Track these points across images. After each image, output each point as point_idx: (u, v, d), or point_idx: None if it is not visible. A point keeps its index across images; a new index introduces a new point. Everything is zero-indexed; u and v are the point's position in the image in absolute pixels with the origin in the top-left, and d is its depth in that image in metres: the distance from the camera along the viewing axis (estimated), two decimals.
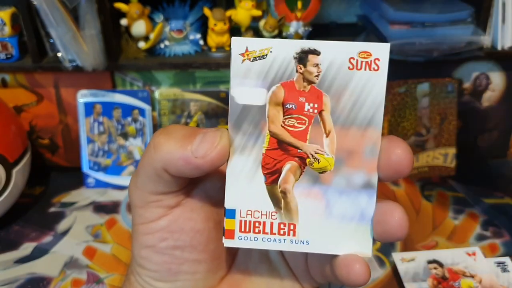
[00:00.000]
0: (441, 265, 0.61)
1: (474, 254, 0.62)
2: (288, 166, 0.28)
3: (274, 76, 0.28)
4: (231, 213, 0.29)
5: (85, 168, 0.78)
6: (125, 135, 0.79)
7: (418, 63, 0.72)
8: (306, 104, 0.28)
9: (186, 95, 0.78)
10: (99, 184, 0.78)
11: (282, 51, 0.27)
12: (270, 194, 0.28)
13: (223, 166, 0.29)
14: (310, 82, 0.28)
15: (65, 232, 0.69)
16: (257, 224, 0.29)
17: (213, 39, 0.76)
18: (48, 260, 0.64)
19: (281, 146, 0.28)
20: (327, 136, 0.28)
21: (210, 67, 0.76)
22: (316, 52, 0.27)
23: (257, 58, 0.28)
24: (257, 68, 0.27)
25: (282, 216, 0.28)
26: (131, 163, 0.79)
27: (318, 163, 0.28)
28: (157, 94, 0.78)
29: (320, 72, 0.28)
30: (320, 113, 0.28)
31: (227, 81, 0.78)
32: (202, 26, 0.78)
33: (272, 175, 0.28)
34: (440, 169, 0.80)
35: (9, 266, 0.63)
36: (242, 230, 0.29)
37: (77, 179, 0.79)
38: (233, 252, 0.34)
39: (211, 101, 0.78)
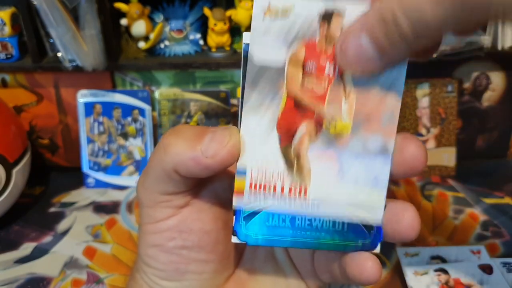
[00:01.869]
0: (444, 261, 0.61)
1: (479, 252, 0.62)
2: (304, 128, 0.28)
3: (296, 35, 0.27)
4: (242, 172, 0.28)
5: (85, 168, 0.78)
6: (125, 135, 0.79)
7: (418, 63, 0.72)
8: (327, 66, 0.27)
9: (186, 95, 0.78)
10: (99, 184, 0.78)
11: (305, 10, 0.26)
12: (284, 156, 0.28)
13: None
14: (333, 44, 0.27)
15: (65, 232, 0.69)
16: (267, 186, 0.28)
17: (213, 39, 0.76)
18: (48, 260, 0.64)
19: (298, 107, 0.27)
20: (346, 99, 0.27)
21: (210, 67, 0.76)
22: (340, 14, 0.26)
23: (279, 16, 0.27)
24: (278, 26, 0.27)
25: (294, 178, 0.28)
26: (131, 163, 0.79)
27: (335, 128, 0.27)
28: (157, 94, 0.78)
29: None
30: (341, 75, 0.27)
31: (227, 81, 0.78)
32: (202, 26, 0.78)
33: (287, 136, 0.28)
34: (440, 169, 0.80)
35: (9, 266, 0.63)
36: (252, 189, 0.28)
37: (77, 179, 0.79)
38: (239, 251, 0.34)
39: (211, 101, 0.78)
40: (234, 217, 0.28)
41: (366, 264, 0.28)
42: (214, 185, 0.31)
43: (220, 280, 0.32)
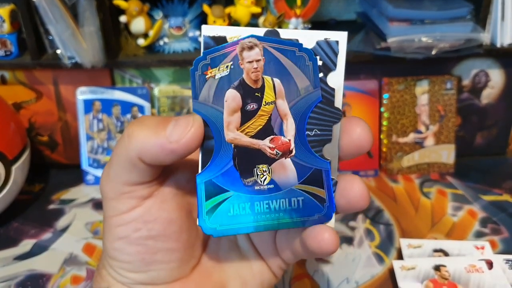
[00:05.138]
0: (446, 254, 0.62)
1: (483, 248, 0.62)
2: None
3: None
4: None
5: (85, 165, 0.78)
6: None
7: (417, 60, 0.72)
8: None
9: (186, 92, 0.78)
10: (98, 181, 0.78)
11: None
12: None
13: (193, 155, 0.30)
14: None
15: (64, 229, 0.69)
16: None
17: None
18: (48, 257, 0.64)
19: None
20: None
21: None
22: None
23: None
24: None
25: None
26: None
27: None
28: (156, 91, 0.78)
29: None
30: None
31: None
32: (202, 23, 0.78)
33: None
34: (439, 166, 0.80)
35: (8, 263, 0.63)
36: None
37: (76, 176, 0.79)
38: (204, 241, 0.35)
39: None
40: (197, 213, 0.30)
41: (323, 236, 0.29)
42: (176, 176, 0.32)
43: (186, 270, 0.33)
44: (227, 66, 0.29)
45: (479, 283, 0.56)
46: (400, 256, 0.62)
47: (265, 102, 0.29)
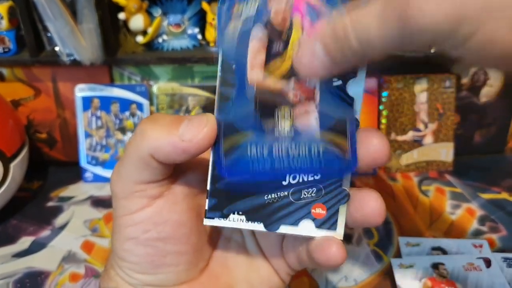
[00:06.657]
0: (444, 252, 0.62)
1: (481, 246, 0.63)
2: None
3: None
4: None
5: (83, 163, 0.78)
6: (123, 130, 0.78)
7: (416, 58, 0.72)
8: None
9: (184, 89, 0.78)
10: (97, 178, 0.78)
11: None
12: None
13: (205, 155, 0.29)
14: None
15: (63, 227, 0.69)
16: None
17: (212, 34, 0.75)
18: (46, 254, 0.64)
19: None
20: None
21: (209, 62, 0.76)
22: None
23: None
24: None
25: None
26: None
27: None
28: (155, 88, 0.78)
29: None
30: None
31: None
32: (201, 20, 0.78)
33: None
34: (437, 164, 0.80)
35: (6, 260, 0.63)
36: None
37: (75, 173, 0.79)
38: (213, 244, 0.35)
39: (210, 95, 0.78)
40: (211, 153, 0.29)
41: (331, 249, 0.29)
42: (187, 177, 0.32)
43: (195, 273, 0.33)
44: (254, 4, 0.28)
45: (477, 281, 0.57)
46: (398, 254, 0.63)
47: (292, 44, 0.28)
